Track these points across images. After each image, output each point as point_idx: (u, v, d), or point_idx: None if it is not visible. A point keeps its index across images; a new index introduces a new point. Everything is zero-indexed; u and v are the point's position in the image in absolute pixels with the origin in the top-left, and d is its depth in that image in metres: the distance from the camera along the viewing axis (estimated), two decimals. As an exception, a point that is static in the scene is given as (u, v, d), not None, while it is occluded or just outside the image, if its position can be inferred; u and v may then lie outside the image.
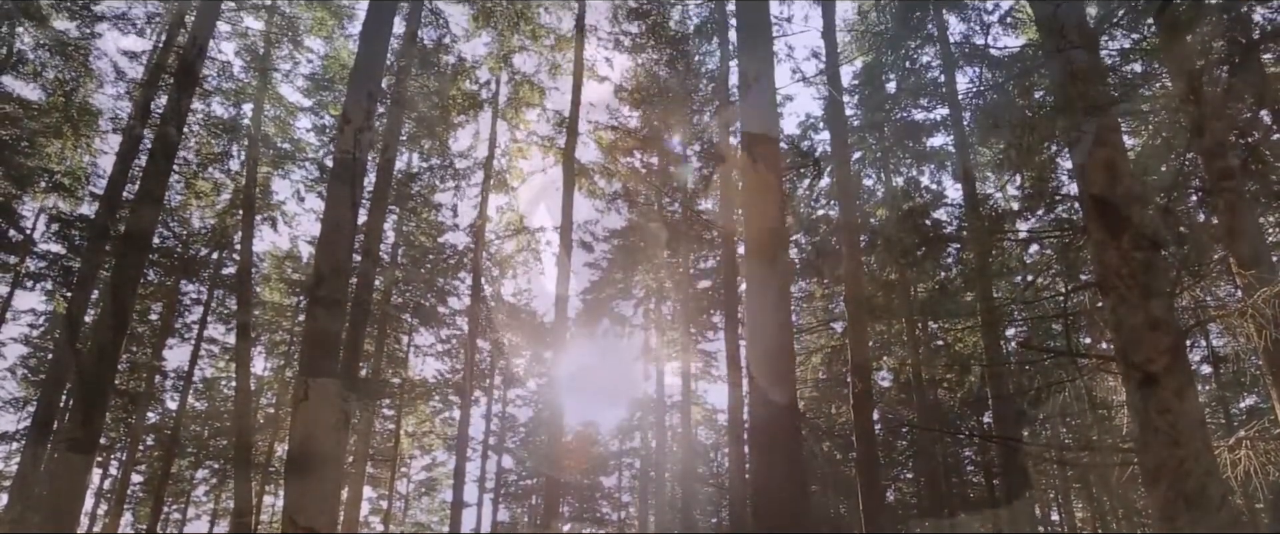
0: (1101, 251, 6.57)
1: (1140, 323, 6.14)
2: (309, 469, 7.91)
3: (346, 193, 9.01)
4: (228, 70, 21.87)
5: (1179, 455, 5.71)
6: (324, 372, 8.28)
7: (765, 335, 8.06)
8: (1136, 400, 6.03)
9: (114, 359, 12.59)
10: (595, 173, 26.21)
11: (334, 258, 8.80)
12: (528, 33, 23.90)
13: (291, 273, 29.50)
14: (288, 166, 24.80)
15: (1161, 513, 5.77)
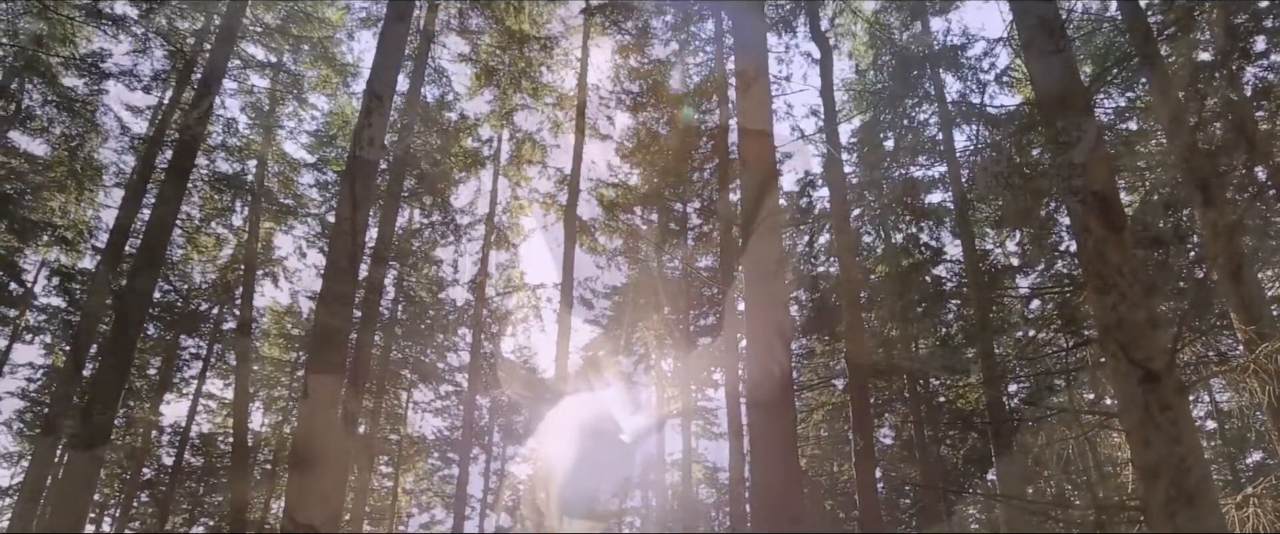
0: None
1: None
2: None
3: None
4: (233, 126, 22.14)
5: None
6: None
7: (766, 391, 8.20)
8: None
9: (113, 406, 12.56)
10: (596, 230, 26.34)
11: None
12: (529, 91, 24.21)
13: (291, 328, 29.46)
14: (290, 222, 24.94)
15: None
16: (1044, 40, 7.72)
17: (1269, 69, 14.20)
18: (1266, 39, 13.57)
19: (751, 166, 9.30)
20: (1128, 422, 6.19)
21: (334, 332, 8.67)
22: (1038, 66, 8.01)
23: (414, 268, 28.54)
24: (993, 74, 18.98)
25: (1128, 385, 6.19)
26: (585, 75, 24.19)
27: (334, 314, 8.74)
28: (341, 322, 8.85)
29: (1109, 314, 6.42)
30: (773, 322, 8.22)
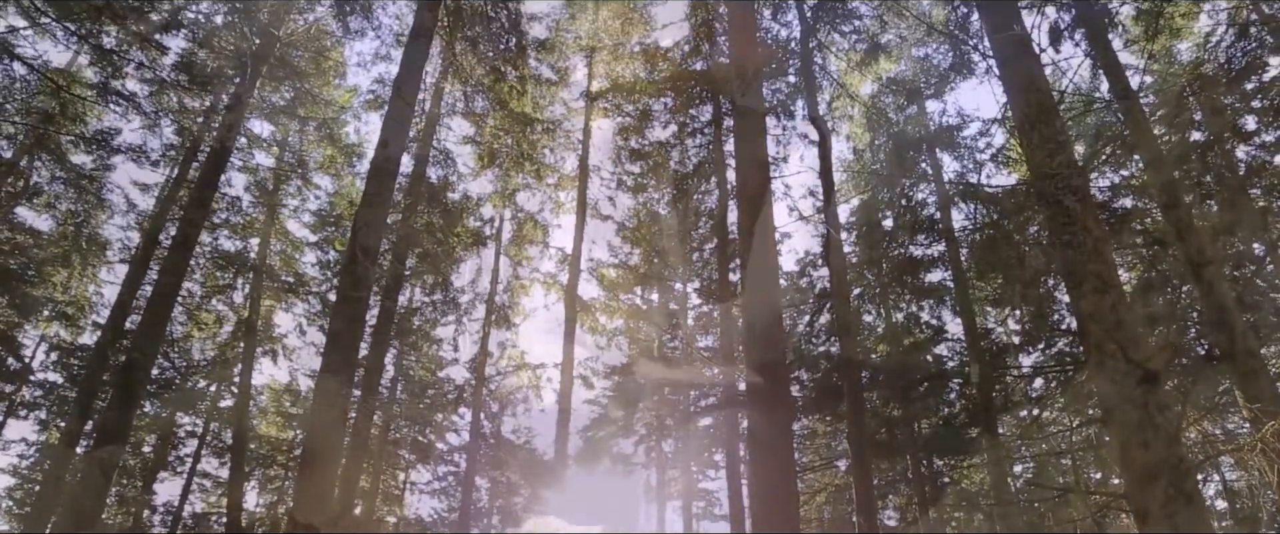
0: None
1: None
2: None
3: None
4: (237, 205, 22.36)
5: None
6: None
7: (767, 476, 8.55)
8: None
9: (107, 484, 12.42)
10: (597, 310, 26.36)
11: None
12: (532, 172, 24.50)
13: (289, 406, 29.24)
14: (290, 300, 24.98)
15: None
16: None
17: (1261, 148, 14.44)
18: (1257, 119, 13.83)
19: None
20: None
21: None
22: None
23: (414, 347, 28.46)
24: (989, 153, 19.26)
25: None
26: (587, 156, 24.54)
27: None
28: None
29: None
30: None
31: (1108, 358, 6.41)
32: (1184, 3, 14.97)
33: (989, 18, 9.94)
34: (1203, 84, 13.32)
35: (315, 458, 8.49)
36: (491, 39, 20.81)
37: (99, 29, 14.87)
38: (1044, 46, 12.92)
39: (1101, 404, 6.48)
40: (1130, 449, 6.17)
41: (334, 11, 19.37)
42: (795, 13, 21.34)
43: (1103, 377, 6.41)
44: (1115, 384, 6.32)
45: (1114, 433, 6.30)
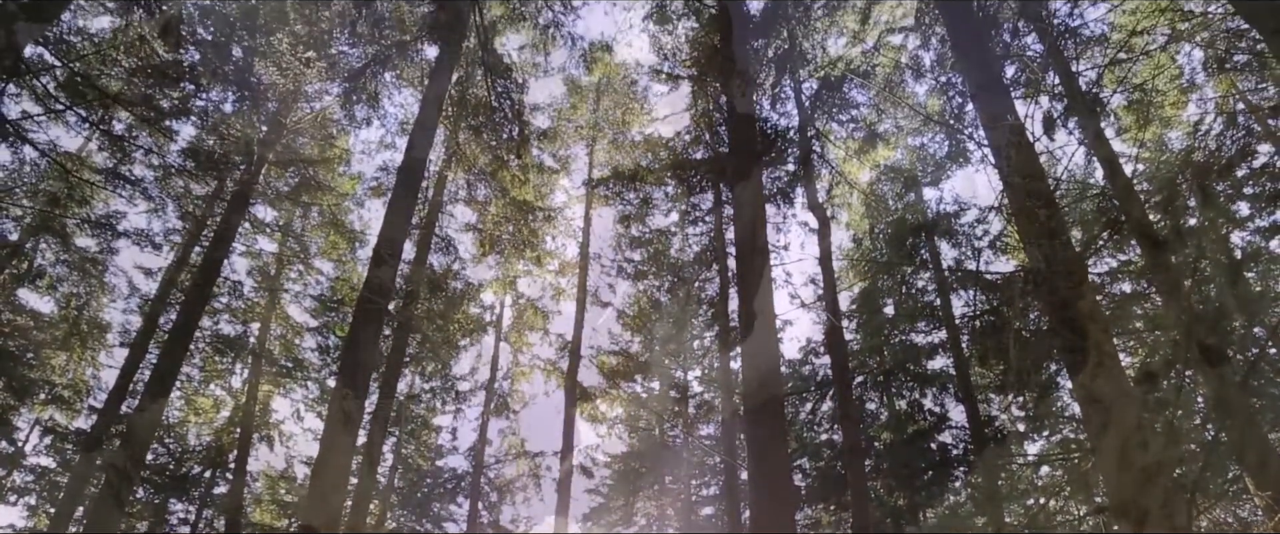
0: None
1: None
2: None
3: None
4: (239, 289, 22.44)
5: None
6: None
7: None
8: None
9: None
10: (597, 397, 26.17)
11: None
12: (532, 259, 24.64)
13: (284, 494, 28.78)
14: (289, 385, 24.86)
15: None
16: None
17: (1256, 232, 14.56)
18: (1249, 205, 13.98)
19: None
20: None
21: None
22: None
23: (413, 435, 28.22)
24: (987, 240, 19.35)
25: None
26: (587, 244, 24.70)
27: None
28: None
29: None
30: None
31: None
32: (1172, 93, 15.32)
33: (983, 107, 10.13)
34: (1195, 171, 13.50)
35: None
36: (494, 128, 21.19)
37: (111, 115, 15.18)
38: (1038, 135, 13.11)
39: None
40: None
41: (341, 100, 19.77)
42: (794, 102, 21.77)
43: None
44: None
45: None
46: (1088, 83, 15.52)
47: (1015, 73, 16.64)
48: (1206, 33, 13.56)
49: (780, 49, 21.49)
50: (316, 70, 18.90)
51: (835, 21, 20.83)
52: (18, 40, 13.05)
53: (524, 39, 22.12)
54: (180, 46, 16.09)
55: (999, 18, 15.00)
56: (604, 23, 34.79)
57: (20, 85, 14.22)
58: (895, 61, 20.17)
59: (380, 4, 19.07)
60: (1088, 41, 15.36)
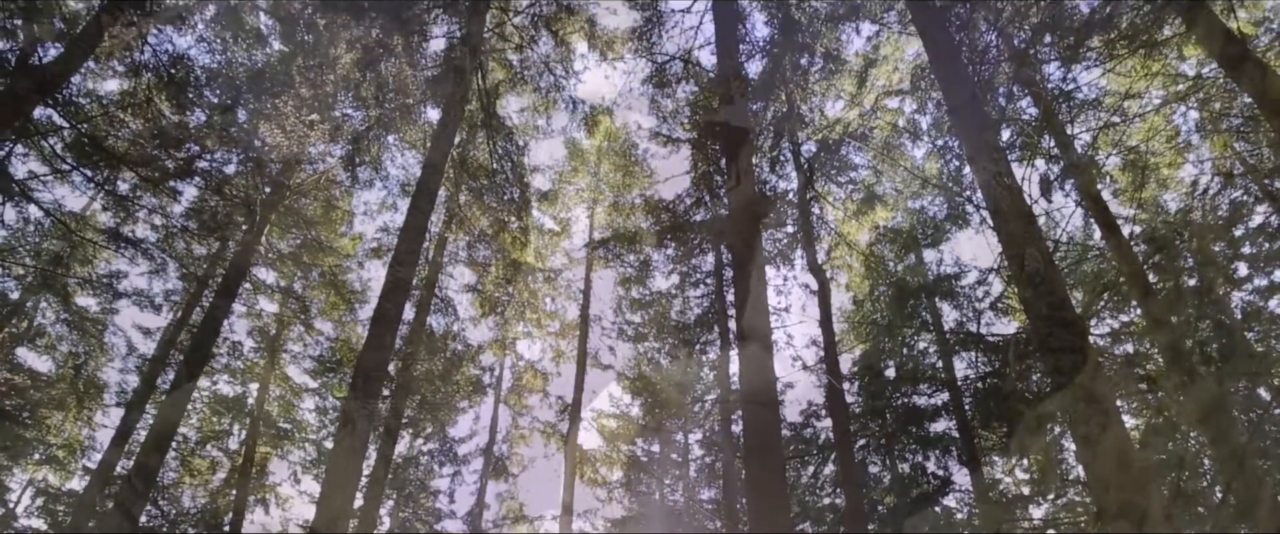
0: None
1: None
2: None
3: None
4: (238, 349, 22.37)
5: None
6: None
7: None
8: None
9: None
10: (597, 461, 25.96)
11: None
12: (532, 321, 24.64)
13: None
14: (286, 447, 24.63)
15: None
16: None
17: (1255, 292, 14.57)
18: (1248, 265, 14.01)
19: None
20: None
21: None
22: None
23: (410, 498, 27.86)
24: (987, 302, 19.37)
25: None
26: (588, 306, 24.70)
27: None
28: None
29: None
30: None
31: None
32: (1168, 153, 15.47)
33: (980, 171, 10.19)
34: (1193, 231, 13.57)
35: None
36: (495, 190, 21.34)
37: (116, 175, 15.31)
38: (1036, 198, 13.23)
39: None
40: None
41: (344, 162, 19.95)
42: (793, 165, 21.97)
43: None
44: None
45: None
46: (1083, 145, 15.69)
47: (1011, 136, 16.83)
48: (1201, 94, 13.74)
49: (779, 112, 21.76)
50: (320, 132, 19.10)
51: (833, 85, 21.12)
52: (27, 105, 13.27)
53: (525, 102, 22.43)
54: (187, 108, 16.31)
55: (994, 82, 15.22)
56: (604, 86, 35.28)
57: (28, 146, 14.38)
58: (893, 124, 20.41)
59: (384, 68, 19.37)
60: (1082, 105, 15.56)
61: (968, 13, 14.65)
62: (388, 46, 19.20)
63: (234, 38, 17.48)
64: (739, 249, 12.44)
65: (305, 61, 18.50)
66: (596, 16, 22.57)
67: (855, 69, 21.16)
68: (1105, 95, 15.57)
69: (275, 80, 17.80)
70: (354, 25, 18.69)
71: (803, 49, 21.71)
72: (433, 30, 20.41)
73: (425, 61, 20.10)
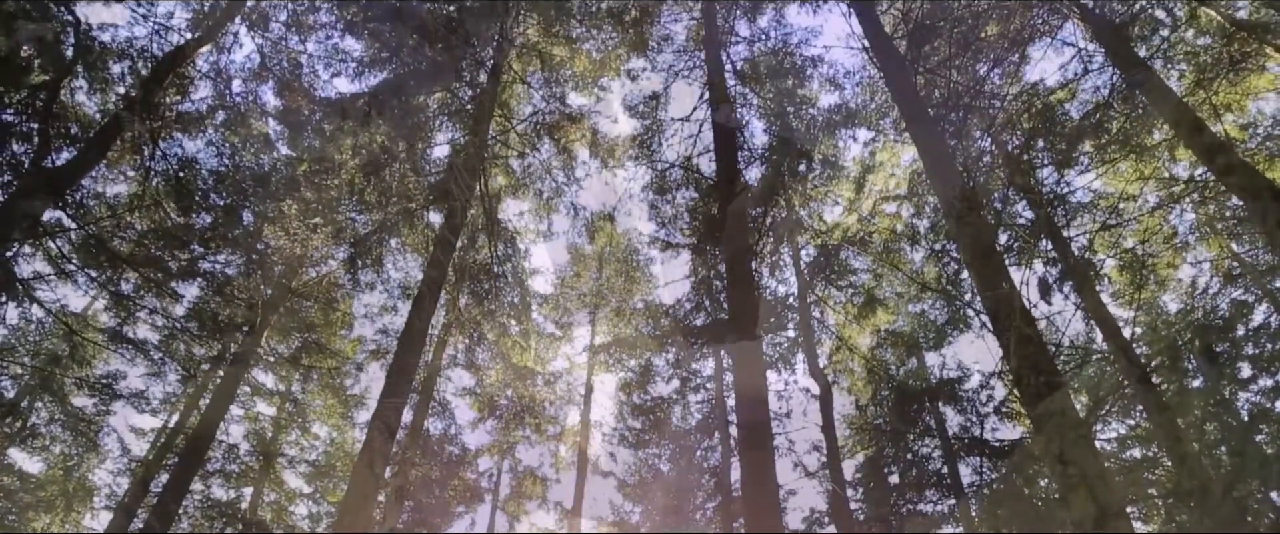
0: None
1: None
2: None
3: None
4: (234, 452, 22.06)
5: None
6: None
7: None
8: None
9: None
10: (598, 570, 25.34)
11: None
12: (532, 425, 24.38)
13: None
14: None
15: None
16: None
17: (1261, 393, 14.46)
18: (1252, 365, 13.94)
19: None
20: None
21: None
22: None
23: (403, 610, 27.05)
24: (991, 406, 19.21)
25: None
26: (588, 411, 24.50)
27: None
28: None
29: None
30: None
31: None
32: (1166, 254, 15.58)
33: (978, 275, 10.25)
34: (1195, 332, 13.55)
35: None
36: (496, 293, 21.42)
37: (119, 275, 15.40)
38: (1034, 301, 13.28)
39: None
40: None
41: (346, 265, 20.08)
42: (793, 269, 22.11)
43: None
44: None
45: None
46: (1080, 248, 15.83)
47: (1009, 240, 17.00)
48: (1194, 196, 13.94)
49: (778, 216, 22.03)
50: (323, 235, 19.30)
51: (831, 190, 21.44)
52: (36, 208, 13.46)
53: (527, 206, 22.73)
54: (193, 211, 16.52)
55: (989, 187, 15.47)
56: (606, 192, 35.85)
57: (35, 246, 14.51)
58: (891, 229, 20.63)
59: (388, 172, 19.70)
60: (1078, 208, 15.78)
61: (961, 119, 14.99)
62: (392, 152, 19.58)
63: (242, 142, 17.83)
64: (739, 352, 12.53)
65: (311, 165, 18.84)
66: (598, 125, 23.09)
67: (853, 175, 21.53)
68: (1100, 198, 15.79)
69: (281, 184, 18.09)
70: (360, 131, 19.10)
71: (801, 156, 22.15)
72: (437, 136, 20.86)
73: (429, 166, 20.45)
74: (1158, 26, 14.19)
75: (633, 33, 22.45)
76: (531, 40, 22.56)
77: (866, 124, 20.93)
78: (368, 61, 20.23)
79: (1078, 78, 14.87)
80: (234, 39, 17.82)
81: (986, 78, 15.27)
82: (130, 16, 16.15)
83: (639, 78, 22.97)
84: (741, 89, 22.07)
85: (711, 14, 21.24)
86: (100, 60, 15.62)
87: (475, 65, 20.22)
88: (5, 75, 14.17)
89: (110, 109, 15.64)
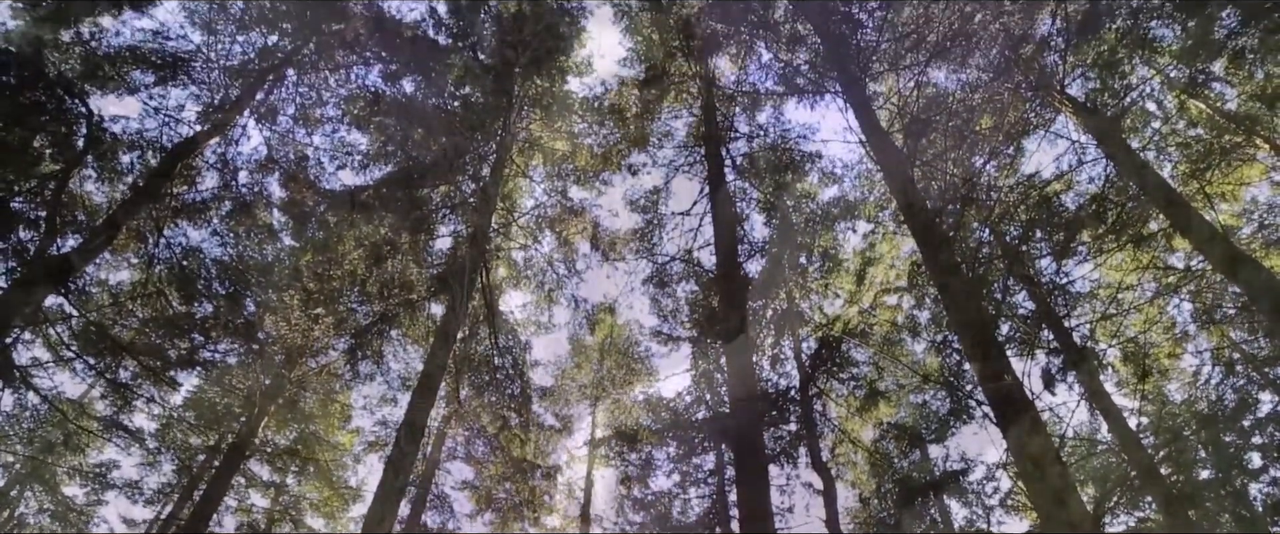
0: None
1: None
2: None
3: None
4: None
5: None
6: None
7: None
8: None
9: None
10: None
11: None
12: (531, 519, 23.95)
13: None
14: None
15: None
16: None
17: (1272, 484, 14.24)
18: (1261, 455, 13.77)
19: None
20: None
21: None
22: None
23: None
24: (997, 498, 18.91)
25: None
26: (588, 505, 24.10)
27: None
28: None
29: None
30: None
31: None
32: (1167, 344, 15.55)
33: (980, 366, 10.19)
34: (1201, 422, 13.42)
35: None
36: (496, 386, 21.30)
37: (118, 363, 15.34)
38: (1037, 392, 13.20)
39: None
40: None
41: (346, 356, 20.02)
42: (794, 363, 22.03)
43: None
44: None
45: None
46: (1081, 337, 15.81)
47: (1010, 330, 16.99)
48: (1191, 286, 13.99)
49: (779, 309, 22.07)
50: (325, 326, 19.30)
51: (831, 283, 21.52)
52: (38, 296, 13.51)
53: (528, 298, 22.81)
54: (195, 299, 16.57)
55: (989, 277, 15.54)
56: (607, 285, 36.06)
57: (35, 333, 14.50)
58: (892, 320, 20.63)
59: (391, 264, 19.81)
60: (1077, 297, 15.81)
61: (959, 211, 15.15)
62: (395, 244, 19.74)
63: (247, 232, 17.99)
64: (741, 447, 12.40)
65: (314, 256, 18.97)
66: (599, 218, 23.34)
67: (853, 267, 21.65)
68: (1100, 287, 15.85)
69: (284, 274, 18.18)
70: (364, 223, 19.30)
71: (801, 249, 22.33)
72: (439, 228, 21.05)
73: (431, 259, 20.58)
74: (1149, 119, 14.47)
75: (634, 129, 22.89)
76: (534, 135, 22.99)
77: (866, 216, 21.15)
78: (373, 154, 20.58)
79: (1073, 169, 15.10)
80: (242, 131, 18.16)
81: (983, 170, 15.49)
82: (142, 109, 16.53)
83: (640, 172, 23.31)
84: (742, 183, 22.38)
85: (711, 110, 21.68)
86: (111, 151, 15.91)
87: (478, 159, 20.55)
88: (17, 165, 14.42)
89: (118, 198, 15.84)
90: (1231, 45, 13.14)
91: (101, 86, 15.94)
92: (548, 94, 22.66)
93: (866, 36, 16.31)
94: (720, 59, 22.80)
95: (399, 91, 20.47)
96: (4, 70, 13.71)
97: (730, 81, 22.72)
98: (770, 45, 20.06)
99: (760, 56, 21.42)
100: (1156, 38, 14.70)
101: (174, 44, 17.00)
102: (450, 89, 20.87)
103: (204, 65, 17.35)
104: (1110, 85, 14.48)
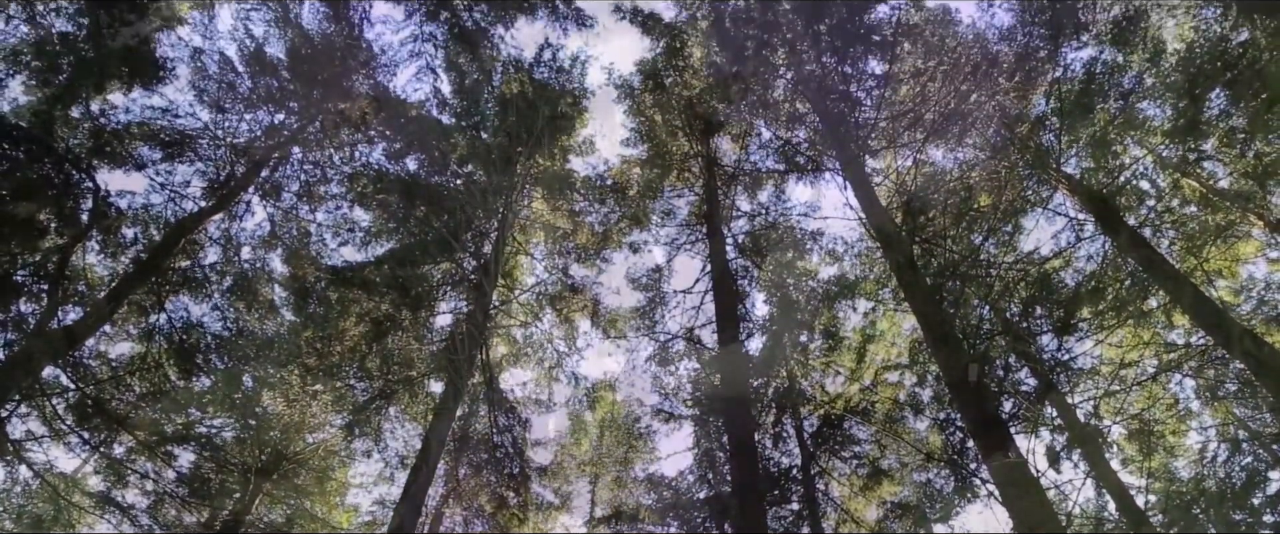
0: None
1: None
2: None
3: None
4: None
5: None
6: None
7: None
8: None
9: None
10: None
11: None
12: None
13: None
14: None
15: None
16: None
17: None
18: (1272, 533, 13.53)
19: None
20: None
21: None
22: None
23: None
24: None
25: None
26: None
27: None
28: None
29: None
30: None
31: None
32: (1171, 421, 15.41)
33: (983, 443, 10.07)
34: (1210, 501, 13.22)
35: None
36: (496, 464, 21.08)
37: (113, 438, 15.22)
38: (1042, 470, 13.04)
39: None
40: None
41: (344, 433, 19.88)
42: (795, 441, 21.82)
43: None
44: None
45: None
46: (1085, 415, 15.68)
47: (1013, 407, 16.85)
48: (1193, 363, 13.93)
49: (780, 387, 21.94)
50: (323, 403, 19.19)
51: (832, 361, 21.45)
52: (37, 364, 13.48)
53: (528, 376, 22.72)
54: (194, 374, 16.51)
55: (990, 354, 15.49)
56: (608, 362, 35.96)
57: (31, 406, 14.42)
58: (894, 398, 20.50)
59: (391, 341, 19.80)
60: (1080, 374, 15.73)
61: (959, 288, 15.18)
62: (396, 321, 19.75)
63: (248, 307, 18.02)
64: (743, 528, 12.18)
65: (314, 332, 18.96)
66: (600, 296, 23.40)
67: (853, 345, 21.59)
68: (1102, 364, 15.78)
69: (283, 349, 18.15)
70: (365, 299, 19.35)
71: (801, 327, 22.32)
72: (440, 305, 21.08)
73: (431, 336, 20.57)
74: (1144, 196, 14.61)
75: (635, 208, 23.11)
76: (536, 213, 23.19)
77: (866, 294, 21.18)
78: (375, 231, 20.76)
79: (1071, 246, 15.18)
80: (246, 207, 18.34)
81: (982, 246, 15.56)
82: (149, 184, 16.74)
83: (641, 250, 23.45)
84: (743, 262, 22.50)
85: (713, 189, 21.92)
86: (116, 225, 16.05)
87: (480, 236, 20.70)
88: (22, 238, 14.54)
89: (121, 271, 15.91)
90: (1221, 125, 13.36)
91: (109, 162, 16.17)
92: (550, 173, 22.94)
93: (864, 114, 16.58)
94: (722, 139, 23.15)
95: (402, 169, 20.74)
96: (13, 144, 13.92)
97: (732, 161, 23.02)
98: (770, 123, 20.40)
99: (761, 135, 21.76)
100: (1148, 118, 14.96)
101: (182, 121, 17.30)
102: (453, 168, 21.13)
103: (211, 142, 17.62)
104: (1105, 164, 14.66)
